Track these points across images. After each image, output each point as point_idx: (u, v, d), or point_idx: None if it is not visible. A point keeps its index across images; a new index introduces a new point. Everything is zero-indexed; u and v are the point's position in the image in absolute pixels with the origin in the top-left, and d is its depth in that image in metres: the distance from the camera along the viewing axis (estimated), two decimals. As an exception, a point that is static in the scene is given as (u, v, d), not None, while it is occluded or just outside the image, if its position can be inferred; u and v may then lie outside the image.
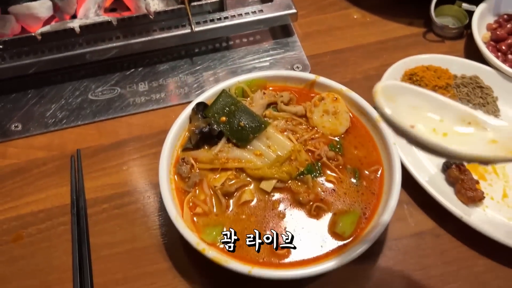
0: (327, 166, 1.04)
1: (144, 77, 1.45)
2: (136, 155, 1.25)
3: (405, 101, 0.76)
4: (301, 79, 1.21)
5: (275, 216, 0.98)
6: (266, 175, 1.01)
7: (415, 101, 0.77)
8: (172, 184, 1.02)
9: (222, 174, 1.03)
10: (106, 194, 1.17)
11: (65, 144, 1.29)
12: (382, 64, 1.46)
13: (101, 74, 1.47)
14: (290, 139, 1.07)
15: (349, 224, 0.95)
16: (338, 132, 1.11)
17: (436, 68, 1.36)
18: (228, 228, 0.96)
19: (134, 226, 1.11)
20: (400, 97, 0.76)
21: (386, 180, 1.02)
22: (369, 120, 1.12)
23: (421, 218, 1.10)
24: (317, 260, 0.92)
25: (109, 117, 1.35)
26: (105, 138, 1.30)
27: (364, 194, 1.01)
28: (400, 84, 0.78)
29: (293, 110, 1.13)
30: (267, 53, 1.52)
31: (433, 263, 1.03)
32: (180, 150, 1.09)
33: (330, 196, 1.01)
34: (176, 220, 0.94)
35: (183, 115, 1.11)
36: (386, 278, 1.01)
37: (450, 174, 1.12)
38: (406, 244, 1.06)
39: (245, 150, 1.05)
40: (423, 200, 1.11)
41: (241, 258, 0.92)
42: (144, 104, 1.38)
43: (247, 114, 1.07)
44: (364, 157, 1.07)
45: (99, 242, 1.09)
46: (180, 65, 1.48)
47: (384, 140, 1.06)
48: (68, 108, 1.38)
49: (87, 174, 1.22)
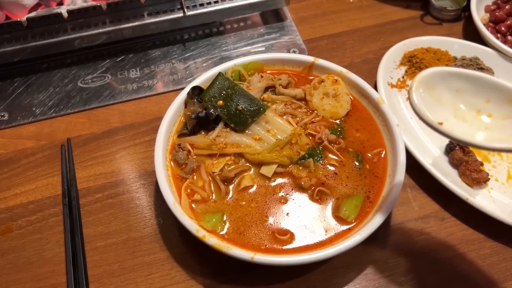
0: (328, 149, 1.02)
1: (136, 64, 1.42)
2: (129, 143, 1.22)
3: (446, 87, 0.75)
4: (300, 61, 1.18)
5: (276, 202, 0.96)
6: (266, 160, 0.98)
7: (458, 84, 0.76)
8: (169, 171, 0.99)
9: (221, 160, 1.00)
10: (99, 184, 1.14)
11: (55, 133, 1.25)
12: (380, 47, 1.45)
13: (91, 61, 1.43)
14: (290, 123, 1.05)
15: (353, 208, 0.93)
16: (339, 115, 1.09)
17: (435, 50, 1.35)
18: (228, 214, 0.93)
19: (129, 215, 1.08)
20: (440, 84, 0.76)
21: (390, 162, 1.01)
22: (370, 102, 1.10)
23: (425, 202, 1.09)
24: (321, 245, 0.90)
25: (100, 104, 1.31)
26: (96, 126, 1.26)
27: (367, 178, 0.99)
28: (441, 70, 0.76)
29: (292, 93, 1.10)
30: (262, 38, 1.48)
31: (438, 247, 1.02)
32: (175, 136, 1.06)
33: (333, 180, 0.99)
34: (174, 207, 0.91)
35: (178, 100, 1.08)
36: (391, 263, 0.99)
37: (454, 156, 1.10)
38: (410, 228, 1.05)
39: (243, 134, 1.02)
40: (426, 183, 1.10)
41: (243, 245, 0.89)
42: (136, 91, 1.34)
43: (245, 97, 1.04)
44: (366, 140, 1.05)
45: (93, 232, 1.05)
46: (173, 51, 1.45)
47: (386, 122, 1.04)
48: (57, 96, 1.34)
49: (79, 163, 1.18)
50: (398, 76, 1.31)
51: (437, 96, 0.75)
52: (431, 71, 0.76)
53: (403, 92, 1.28)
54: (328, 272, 0.98)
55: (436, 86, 0.75)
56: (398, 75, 1.32)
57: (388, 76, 1.29)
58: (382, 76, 1.26)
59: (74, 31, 1.35)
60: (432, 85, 0.74)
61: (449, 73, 0.77)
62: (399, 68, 1.33)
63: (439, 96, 0.75)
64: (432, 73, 0.76)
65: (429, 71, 0.76)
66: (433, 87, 0.74)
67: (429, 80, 0.74)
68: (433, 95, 0.74)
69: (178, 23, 1.41)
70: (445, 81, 0.76)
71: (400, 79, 1.31)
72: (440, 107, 0.74)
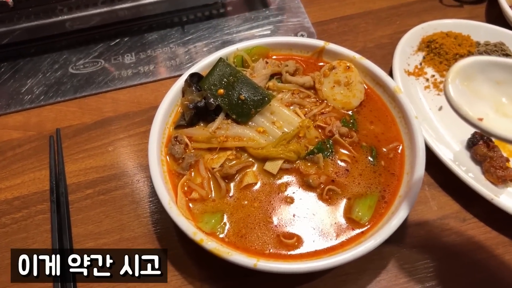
0: (339, 143, 0.95)
1: (131, 48, 1.34)
2: (123, 135, 1.16)
3: (486, 78, 0.69)
4: (308, 46, 1.10)
5: (281, 201, 0.89)
6: (271, 155, 0.91)
7: (500, 75, 0.69)
8: (164, 166, 0.93)
9: (221, 154, 0.93)
10: (89, 179, 1.08)
11: (43, 123, 1.19)
12: (395, 31, 1.37)
13: (83, 45, 1.36)
14: (297, 114, 0.98)
15: (367, 209, 0.86)
16: (352, 105, 1.01)
17: (456, 35, 1.26)
18: (228, 215, 0.87)
19: (122, 214, 1.02)
20: (480, 75, 0.69)
21: (408, 158, 0.93)
22: (386, 91, 1.02)
23: (445, 201, 1.02)
24: (331, 250, 0.83)
25: (92, 92, 1.24)
26: (88, 116, 1.20)
27: (382, 175, 0.92)
28: (481, 60, 0.69)
29: (300, 81, 1.03)
30: (267, 20, 1.40)
31: (459, 251, 0.95)
32: (172, 127, 0.99)
33: (344, 178, 0.91)
34: (169, 206, 0.84)
35: (175, 88, 1.01)
36: (406, 268, 0.93)
37: (477, 151, 1.02)
38: (428, 230, 0.98)
39: (246, 126, 0.95)
40: (446, 180, 1.03)
41: (245, 249, 0.83)
42: (131, 77, 1.27)
43: (248, 85, 0.96)
44: (381, 133, 0.98)
45: (82, 232, 0.99)
46: (171, 35, 1.37)
47: (404, 113, 0.97)
48: (46, 83, 1.27)
49: (68, 156, 1.12)
50: (415, 63, 1.23)
51: (475, 88, 0.68)
52: (470, 60, 0.68)
53: (421, 81, 1.20)
54: (338, 278, 0.92)
55: (474, 77, 0.68)
56: (416, 62, 1.24)
57: (405, 63, 1.21)
58: (398, 62, 1.18)
59: (65, 12, 1.28)
60: (471, 76, 0.67)
61: (489, 62, 0.69)
62: (416, 54, 1.25)
63: (478, 89, 0.68)
64: (470, 63, 0.68)
65: (467, 60, 0.68)
66: (471, 78, 0.67)
67: (467, 70, 0.67)
68: (471, 88, 0.67)
69: (177, 3, 1.33)
70: (485, 71, 0.69)
71: (417, 66, 1.23)
72: (479, 101, 0.67)
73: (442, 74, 1.21)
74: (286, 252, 0.83)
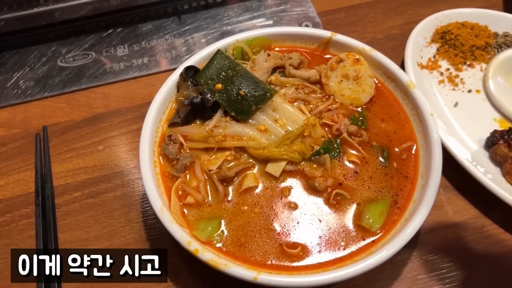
0: (348, 143, 0.88)
1: (124, 39, 1.28)
2: (114, 133, 1.10)
3: None
4: (314, 37, 1.04)
5: (284, 207, 0.82)
6: (273, 156, 0.85)
7: None
8: (157, 168, 0.87)
9: (219, 155, 0.87)
10: (78, 180, 1.02)
11: (30, 120, 1.13)
12: (406, 21, 1.30)
13: (73, 36, 1.30)
14: (301, 111, 0.91)
15: (378, 215, 0.80)
16: (361, 101, 0.95)
17: (473, 25, 1.19)
18: (226, 221, 0.80)
19: (112, 218, 0.96)
20: None
21: (422, 159, 0.86)
22: (398, 86, 0.95)
23: (461, 205, 0.96)
24: (339, 261, 0.76)
25: (81, 87, 1.19)
26: (77, 113, 1.14)
27: (394, 178, 0.85)
28: None
29: (304, 75, 0.96)
30: (269, 10, 1.33)
31: (478, 260, 0.89)
32: (166, 125, 0.93)
33: (353, 181, 0.85)
34: (161, 212, 0.78)
35: (169, 82, 0.95)
36: (421, 280, 0.87)
37: (497, 151, 0.95)
38: (443, 237, 0.92)
39: (246, 125, 0.89)
40: (463, 183, 0.97)
41: (244, 260, 0.76)
42: (123, 71, 1.21)
43: (249, 80, 0.90)
44: (393, 132, 0.91)
45: (69, 238, 0.94)
46: (167, 25, 1.31)
47: (418, 110, 0.90)
48: (33, 77, 1.21)
49: (55, 155, 1.06)
50: (428, 56, 1.17)
51: None
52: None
53: (435, 74, 1.13)
54: (347, 290, 0.85)
55: None
56: (429, 54, 1.17)
57: (418, 56, 1.15)
58: (410, 55, 1.11)
59: (54, 1, 1.21)
60: None
61: None
62: (430, 46, 1.19)
63: None
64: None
65: (509, 53, 0.61)
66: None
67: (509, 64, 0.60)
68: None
69: (173, -8, 1.26)
70: None
71: (431, 58, 1.16)
72: None
73: (458, 68, 1.13)
74: (289, 263, 0.76)
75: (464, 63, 1.14)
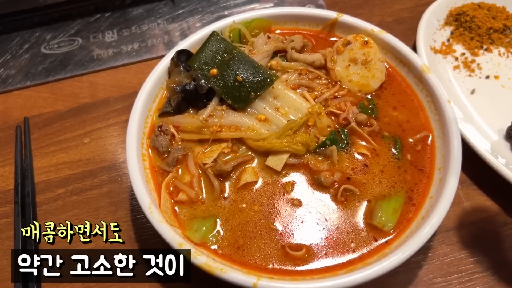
0: (357, 133, 0.83)
1: (113, 24, 1.22)
2: (101, 124, 1.05)
3: None
4: (318, 18, 0.98)
5: (287, 204, 0.77)
6: (274, 148, 0.79)
7: None
8: (146, 162, 0.81)
9: (214, 147, 0.81)
10: (61, 176, 0.97)
11: (9, 110, 1.08)
12: (417, 3, 1.25)
13: (58, 21, 1.24)
14: (305, 98, 0.86)
15: (391, 213, 0.74)
16: (370, 87, 0.89)
17: (489, 6, 1.15)
18: (222, 221, 0.74)
19: (98, 217, 0.91)
20: None
21: (439, 150, 0.81)
22: (411, 71, 0.89)
23: (481, 201, 0.90)
24: (348, 265, 0.71)
25: (67, 75, 1.13)
26: (61, 103, 1.09)
27: (408, 172, 0.79)
28: None
29: (308, 59, 0.91)
30: (269, -8, 1.26)
31: (500, 262, 0.83)
32: (156, 115, 0.87)
33: (363, 175, 0.79)
34: (149, 211, 0.73)
35: (159, 68, 0.89)
36: (438, 284, 0.81)
37: (520, 142, 0.89)
38: (462, 236, 0.86)
39: (244, 114, 0.83)
40: (482, 176, 0.91)
41: (242, 264, 0.71)
42: (112, 58, 1.15)
43: (247, 64, 0.84)
44: (406, 121, 0.85)
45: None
46: (159, 9, 1.25)
47: (434, 97, 0.84)
48: (14, 65, 1.15)
49: (37, 149, 1.01)
50: (442, 39, 1.12)
51: None
52: None
53: (449, 59, 1.08)
54: (356, 296, 0.78)
55: None
56: (443, 38, 1.12)
57: (430, 39, 1.09)
58: (422, 39, 1.06)
59: (37, -16, 1.15)
60: None
61: None
62: (443, 29, 1.14)
63: None
64: None
65: None
66: None
67: None
68: None
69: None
70: None
71: (444, 42, 1.11)
72: None
73: (474, 52, 1.08)
74: (293, 267, 0.71)
75: (480, 47, 1.08)
